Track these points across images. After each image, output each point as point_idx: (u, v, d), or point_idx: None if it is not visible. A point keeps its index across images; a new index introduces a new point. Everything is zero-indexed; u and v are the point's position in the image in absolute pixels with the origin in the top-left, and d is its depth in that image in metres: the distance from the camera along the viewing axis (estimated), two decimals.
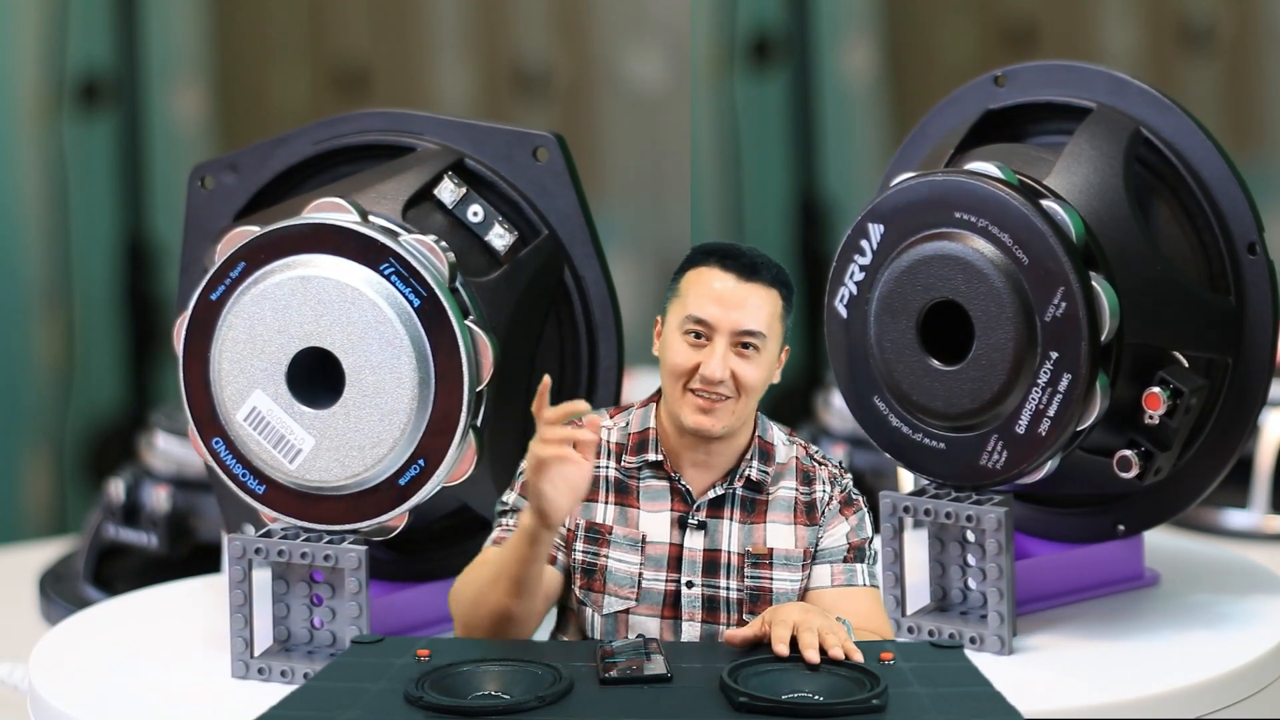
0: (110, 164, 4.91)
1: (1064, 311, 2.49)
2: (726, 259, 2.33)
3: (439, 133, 2.69)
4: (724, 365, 2.30)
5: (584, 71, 5.25)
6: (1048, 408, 2.51)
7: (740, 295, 2.32)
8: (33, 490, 4.96)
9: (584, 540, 2.37)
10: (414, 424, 2.50)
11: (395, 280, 2.49)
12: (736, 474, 2.37)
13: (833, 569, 2.38)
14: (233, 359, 2.52)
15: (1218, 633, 2.64)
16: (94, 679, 2.59)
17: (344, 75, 5.12)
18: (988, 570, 2.55)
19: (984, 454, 2.56)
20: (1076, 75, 2.74)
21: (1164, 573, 2.87)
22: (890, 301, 2.59)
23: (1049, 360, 2.50)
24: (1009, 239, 2.51)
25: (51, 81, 4.84)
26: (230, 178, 2.72)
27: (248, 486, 2.55)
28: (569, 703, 2.05)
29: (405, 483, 2.52)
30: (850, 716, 2.02)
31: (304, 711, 2.05)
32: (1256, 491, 4.09)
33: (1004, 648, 2.56)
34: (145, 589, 3.01)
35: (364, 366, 2.49)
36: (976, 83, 2.80)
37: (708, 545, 2.36)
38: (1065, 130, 2.71)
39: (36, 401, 4.93)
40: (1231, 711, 2.49)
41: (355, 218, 2.53)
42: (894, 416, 2.62)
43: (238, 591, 2.52)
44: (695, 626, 2.35)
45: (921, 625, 2.60)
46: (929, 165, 2.67)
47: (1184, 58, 5.47)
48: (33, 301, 4.90)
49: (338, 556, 2.50)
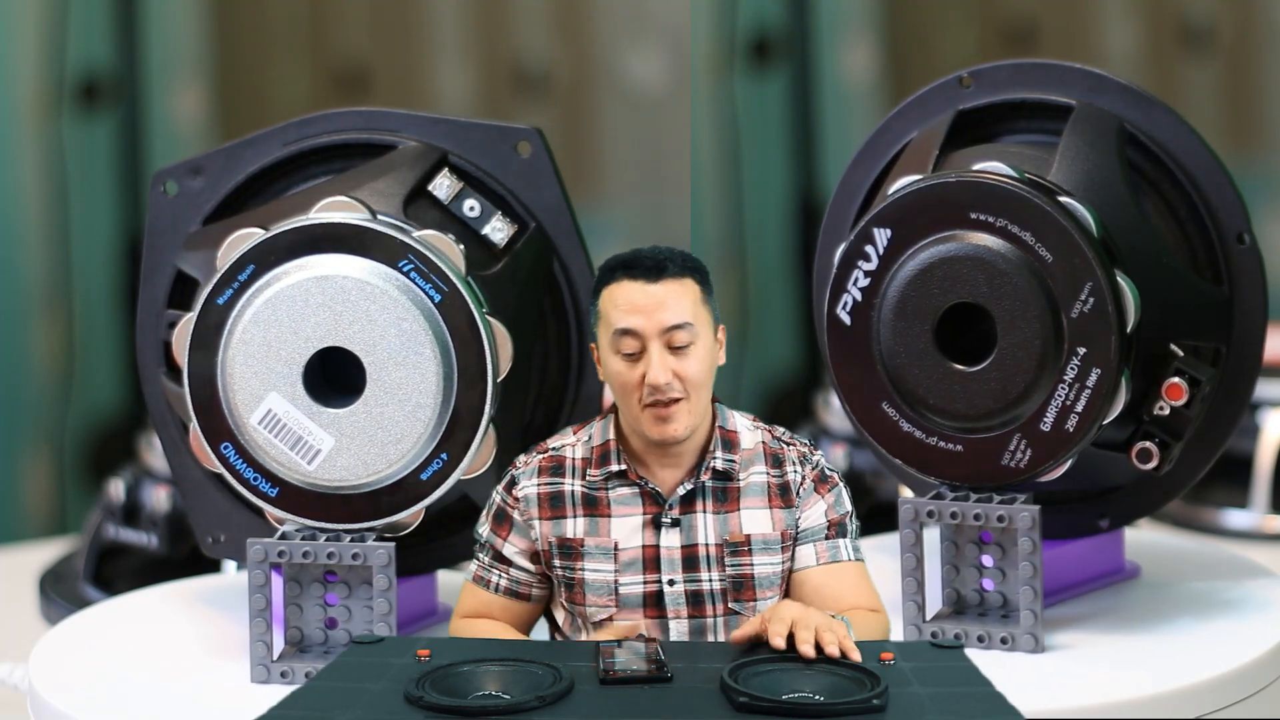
0: (110, 164, 4.91)
1: (1092, 307, 2.50)
2: (632, 268, 2.36)
3: (418, 129, 2.69)
4: (664, 368, 2.33)
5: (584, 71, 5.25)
6: (1075, 403, 2.52)
7: (657, 296, 2.34)
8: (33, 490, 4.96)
9: (559, 556, 2.39)
10: (437, 419, 2.51)
11: (414, 276, 2.51)
12: (703, 467, 2.38)
13: (816, 548, 2.40)
14: (246, 362, 2.51)
15: (1218, 633, 2.64)
16: (94, 679, 2.59)
17: (344, 75, 5.12)
18: (1021, 569, 2.55)
19: (1005, 453, 2.56)
20: (1049, 73, 2.74)
21: (1163, 573, 2.87)
22: (904, 306, 2.58)
23: (1076, 356, 2.51)
24: (1030, 237, 2.52)
25: (51, 81, 4.84)
26: (195, 182, 2.70)
27: (259, 490, 2.54)
28: (569, 703, 2.05)
29: (427, 477, 2.53)
30: (850, 716, 2.02)
31: (304, 711, 2.05)
32: (1256, 491, 4.09)
33: (1038, 646, 2.56)
34: (145, 589, 3.01)
35: (386, 364, 2.50)
36: (941, 84, 2.79)
37: (684, 541, 2.38)
38: (1039, 129, 2.71)
39: (36, 401, 4.92)
40: (1231, 711, 2.49)
41: (366, 216, 2.53)
42: (905, 422, 2.60)
43: (259, 596, 2.50)
44: (683, 623, 2.36)
45: (946, 629, 2.59)
46: (911, 168, 2.66)
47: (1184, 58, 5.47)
48: (33, 301, 4.89)
49: (366, 554, 2.50)
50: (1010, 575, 2.59)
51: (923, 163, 2.67)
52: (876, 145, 2.82)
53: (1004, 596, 2.60)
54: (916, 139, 2.76)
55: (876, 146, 2.82)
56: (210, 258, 2.59)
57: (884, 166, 2.81)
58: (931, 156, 2.68)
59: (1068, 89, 2.72)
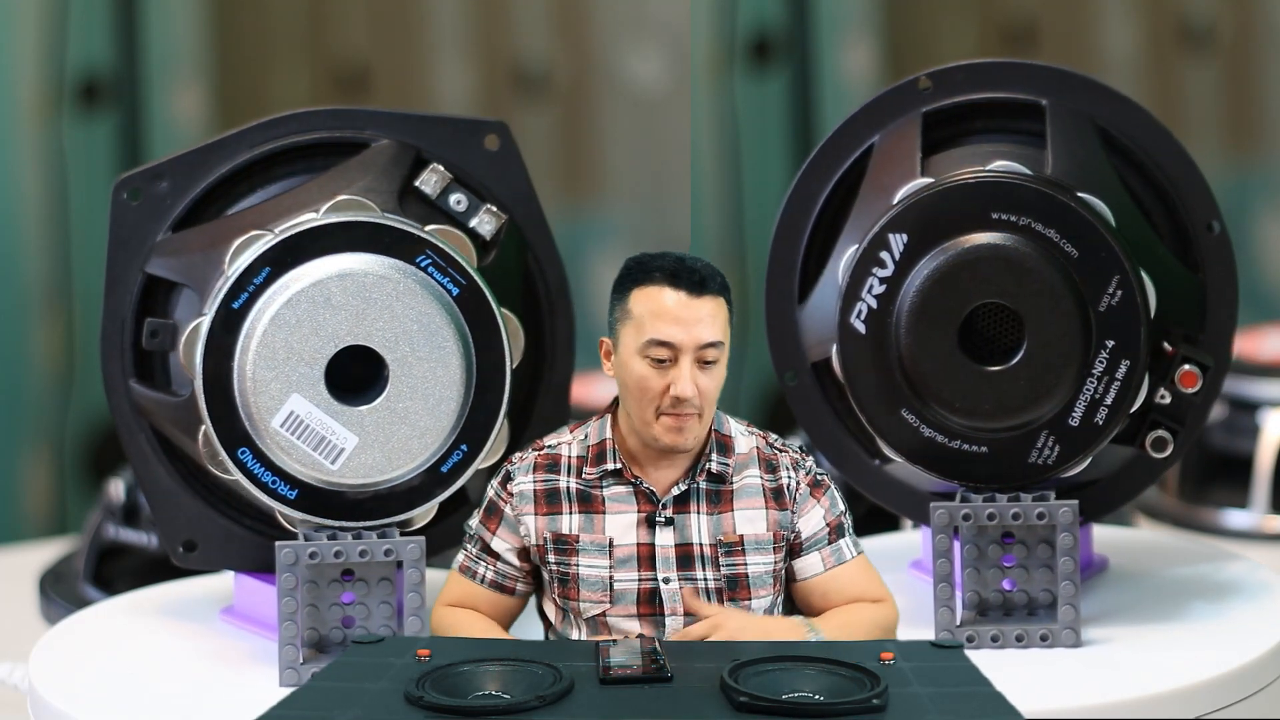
0: (110, 164, 4.91)
1: (1120, 299, 2.53)
2: (676, 277, 2.37)
3: (386, 126, 2.69)
4: (693, 383, 2.35)
5: (584, 71, 5.25)
6: (1104, 396, 2.54)
7: (698, 312, 2.36)
8: (33, 490, 4.96)
9: (554, 552, 2.41)
10: (459, 411, 2.53)
11: (432, 271, 2.52)
12: (698, 469, 2.40)
13: (821, 555, 2.44)
14: (267, 365, 2.51)
15: (1217, 633, 2.64)
16: (94, 679, 2.59)
17: (344, 75, 5.12)
18: (1062, 565, 2.56)
19: (1033, 451, 2.57)
20: (1009, 72, 2.73)
21: (1163, 573, 2.87)
22: (926, 310, 2.57)
23: (1104, 349, 2.53)
24: (1055, 234, 2.53)
25: (51, 81, 4.84)
26: (159, 188, 2.67)
27: (279, 494, 2.54)
28: (569, 703, 2.05)
29: (448, 470, 2.54)
30: (850, 716, 2.02)
31: (304, 711, 2.05)
32: (1256, 491, 4.09)
33: (1078, 641, 2.57)
34: (145, 589, 3.00)
35: (409, 360, 2.52)
36: (897, 87, 2.75)
37: (679, 540, 2.40)
38: (1005, 129, 2.71)
39: (36, 401, 4.92)
40: (1231, 711, 2.49)
41: (377, 213, 2.54)
42: (926, 427, 2.59)
43: (289, 599, 2.50)
44: (679, 620, 2.38)
45: (982, 632, 2.58)
46: (895, 173, 2.65)
47: (1184, 58, 5.47)
48: (33, 301, 4.89)
49: (397, 549, 2.51)
50: (1036, 573, 2.60)
51: (908, 167, 2.65)
52: (832, 152, 2.77)
53: (1027, 595, 2.61)
54: (884, 144, 2.72)
55: (832, 153, 2.77)
56: (195, 262, 2.58)
57: (843, 173, 2.76)
58: (916, 160, 2.67)
59: (1031, 87, 2.72)
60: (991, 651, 2.57)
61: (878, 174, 2.68)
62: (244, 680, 2.54)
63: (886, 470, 2.75)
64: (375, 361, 2.53)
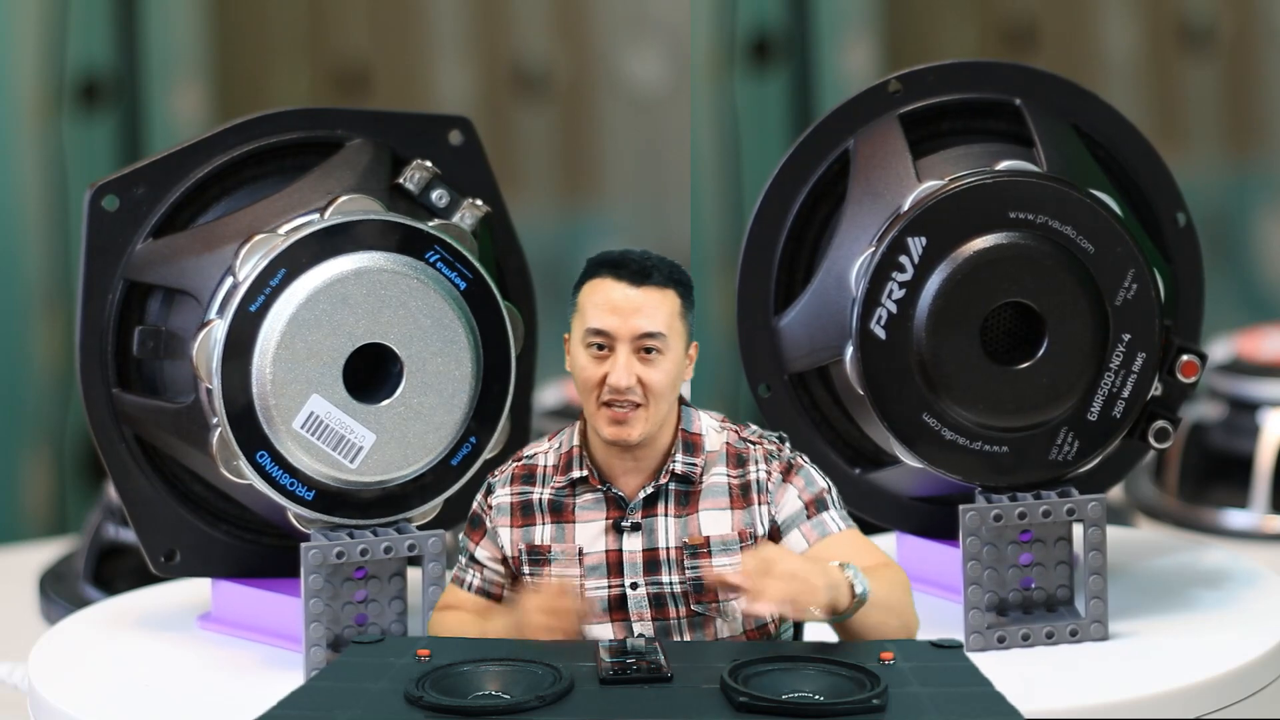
0: (110, 164, 4.90)
1: (1135, 293, 2.57)
2: (618, 268, 2.36)
3: (352, 124, 2.69)
4: (629, 372, 2.34)
5: (584, 71, 5.25)
6: (1121, 390, 2.57)
7: (635, 301, 2.35)
8: (33, 490, 4.96)
9: (528, 563, 2.42)
10: (469, 404, 2.58)
11: (441, 266, 2.55)
12: (663, 470, 2.39)
13: (802, 530, 2.39)
14: (287, 366, 2.51)
15: (1216, 633, 2.64)
16: (94, 679, 2.59)
17: (344, 75, 5.11)
18: (1089, 559, 2.57)
19: (1053, 448, 2.58)
20: (979, 72, 2.73)
21: (1162, 573, 2.87)
22: (947, 312, 2.57)
23: (1121, 343, 2.57)
24: (1071, 230, 2.56)
25: (51, 81, 4.84)
26: (136, 193, 2.64)
27: (296, 495, 2.54)
28: (569, 703, 2.05)
29: (457, 463, 2.59)
30: (850, 716, 2.02)
31: (304, 711, 2.05)
32: (1256, 491, 4.08)
33: (1105, 634, 2.59)
34: (145, 589, 3.01)
35: (424, 355, 2.55)
36: (868, 91, 2.75)
37: (646, 545, 2.39)
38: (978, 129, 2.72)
39: (36, 401, 4.92)
40: (1231, 711, 2.49)
41: (382, 210, 2.55)
42: (947, 430, 2.60)
43: (316, 601, 2.51)
44: (646, 625, 2.38)
45: (1012, 632, 2.59)
46: (887, 177, 2.64)
47: (1184, 58, 5.47)
48: (33, 301, 4.89)
49: (419, 544, 2.53)
50: (1055, 570, 2.61)
51: (901, 170, 2.65)
52: (804, 158, 2.75)
53: (1045, 592, 2.62)
54: (863, 148, 2.71)
55: (804, 159, 2.75)
56: (191, 267, 2.57)
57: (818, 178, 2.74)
58: (908, 163, 2.66)
59: (1001, 86, 2.72)
60: (992, 652, 2.57)
61: (867, 179, 2.67)
62: (244, 680, 2.54)
63: (867, 479, 2.75)
64: (381, 358, 2.54)
